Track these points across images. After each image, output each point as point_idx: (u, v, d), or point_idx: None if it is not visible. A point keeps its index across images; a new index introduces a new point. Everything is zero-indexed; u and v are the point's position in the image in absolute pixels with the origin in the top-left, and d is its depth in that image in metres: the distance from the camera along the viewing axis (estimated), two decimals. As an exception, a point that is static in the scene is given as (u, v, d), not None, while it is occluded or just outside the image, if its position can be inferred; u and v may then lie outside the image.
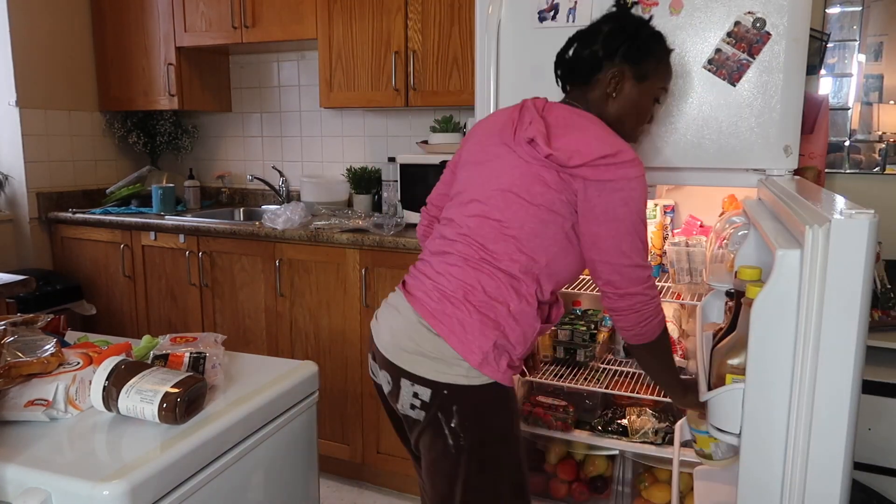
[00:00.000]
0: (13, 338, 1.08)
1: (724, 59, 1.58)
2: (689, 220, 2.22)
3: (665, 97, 1.53)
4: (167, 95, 3.12)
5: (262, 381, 1.18)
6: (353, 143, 3.18)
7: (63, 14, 3.14)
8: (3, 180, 3.07)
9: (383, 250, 2.36)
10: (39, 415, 1.00)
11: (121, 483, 0.84)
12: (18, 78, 2.97)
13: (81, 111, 3.27)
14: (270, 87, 3.33)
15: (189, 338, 1.19)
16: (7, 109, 3.01)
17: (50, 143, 3.13)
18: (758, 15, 1.54)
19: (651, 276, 1.27)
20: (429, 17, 2.53)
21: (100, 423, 1.01)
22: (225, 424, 1.03)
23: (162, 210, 3.05)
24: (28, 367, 1.01)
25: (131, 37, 3.16)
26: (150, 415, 0.97)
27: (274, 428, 1.16)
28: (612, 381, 2.14)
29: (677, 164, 1.67)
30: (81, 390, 1.04)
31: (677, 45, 1.62)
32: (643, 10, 1.63)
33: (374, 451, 2.51)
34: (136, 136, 3.43)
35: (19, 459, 0.90)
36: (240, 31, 2.88)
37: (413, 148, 2.99)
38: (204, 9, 2.96)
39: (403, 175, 2.57)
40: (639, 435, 2.06)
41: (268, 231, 2.56)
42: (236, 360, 1.29)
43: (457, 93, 2.52)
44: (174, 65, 3.07)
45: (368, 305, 2.41)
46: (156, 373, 1.02)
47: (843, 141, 2.30)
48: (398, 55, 2.60)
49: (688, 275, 2.03)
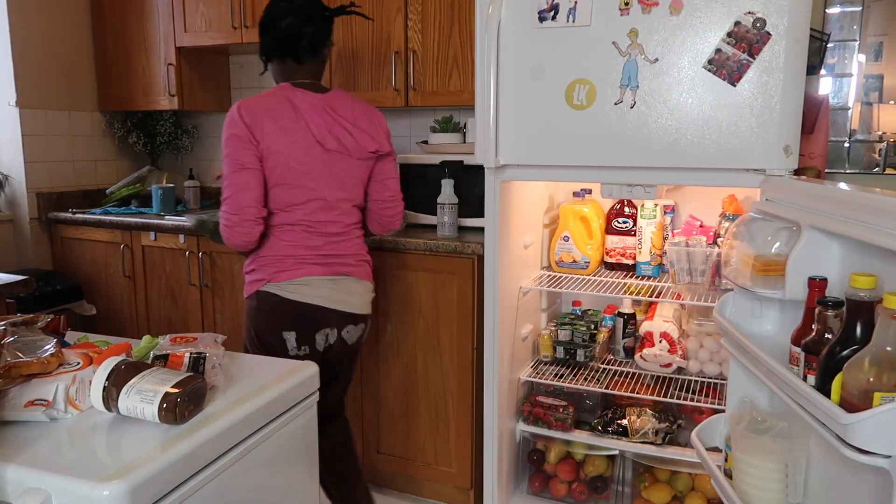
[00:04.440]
0: (13, 338, 1.08)
1: (724, 59, 1.58)
2: (689, 220, 2.22)
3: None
4: (167, 95, 3.12)
5: (262, 381, 1.18)
6: (353, 143, 3.18)
7: (63, 14, 3.14)
8: (3, 180, 3.07)
9: (383, 250, 2.36)
10: (39, 415, 1.00)
11: (121, 483, 0.84)
12: (18, 78, 2.97)
13: (81, 111, 3.27)
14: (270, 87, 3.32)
15: (189, 338, 1.19)
16: (7, 109, 3.00)
17: (50, 143, 3.13)
18: (758, 15, 1.54)
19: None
20: (429, 17, 2.53)
21: (100, 424, 1.01)
22: (225, 424, 1.03)
23: (162, 210, 3.04)
24: (28, 368, 1.01)
25: (131, 37, 3.16)
26: (150, 415, 0.97)
27: (274, 428, 1.15)
28: (612, 381, 2.14)
29: (677, 163, 1.67)
30: (81, 390, 1.04)
31: (677, 45, 1.62)
32: (643, 10, 1.63)
33: (374, 451, 2.52)
34: (136, 136, 3.43)
35: (19, 459, 0.90)
36: (240, 31, 2.88)
37: (413, 148, 2.99)
38: (204, 9, 2.96)
39: (403, 175, 2.56)
40: (639, 435, 2.06)
41: (268, 231, 2.56)
42: (236, 360, 1.29)
43: (457, 93, 2.52)
44: (174, 65, 3.07)
45: (368, 305, 2.42)
46: (156, 373, 1.02)
47: (843, 141, 2.30)
48: (398, 55, 2.60)
49: (688, 275, 2.03)
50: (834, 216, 1.16)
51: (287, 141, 1.74)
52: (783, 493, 1.27)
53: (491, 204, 1.92)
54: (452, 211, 2.34)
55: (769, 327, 1.44)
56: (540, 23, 1.74)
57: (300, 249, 1.80)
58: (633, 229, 2.23)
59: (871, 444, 0.94)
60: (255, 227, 1.74)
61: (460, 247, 2.23)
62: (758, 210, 1.46)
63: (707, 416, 1.69)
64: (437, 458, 2.41)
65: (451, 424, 2.36)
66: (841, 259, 1.21)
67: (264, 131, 1.73)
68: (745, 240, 1.42)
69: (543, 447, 2.25)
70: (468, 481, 2.37)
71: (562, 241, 2.25)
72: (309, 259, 1.80)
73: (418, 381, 2.39)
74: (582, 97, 1.73)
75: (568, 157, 1.79)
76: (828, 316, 1.12)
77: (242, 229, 1.73)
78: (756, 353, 1.26)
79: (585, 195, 2.29)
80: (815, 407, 1.05)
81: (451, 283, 2.27)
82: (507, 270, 2.02)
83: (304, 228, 1.80)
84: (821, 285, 1.17)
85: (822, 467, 1.24)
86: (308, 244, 1.80)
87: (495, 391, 2.02)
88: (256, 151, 1.73)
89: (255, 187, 1.73)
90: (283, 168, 1.75)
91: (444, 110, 2.83)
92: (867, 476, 1.08)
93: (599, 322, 2.32)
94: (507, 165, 1.87)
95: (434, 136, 2.65)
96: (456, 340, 2.30)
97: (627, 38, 1.66)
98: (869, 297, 1.03)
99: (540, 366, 2.28)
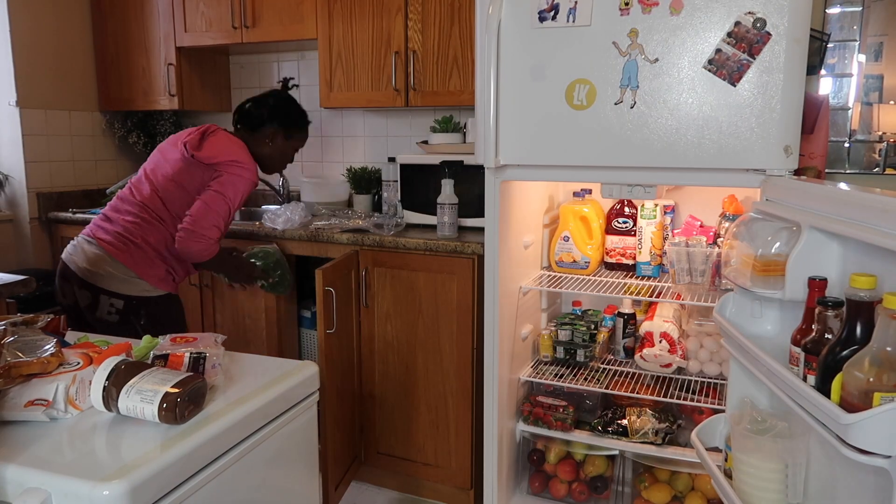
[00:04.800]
0: (13, 338, 1.08)
1: (724, 60, 1.58)
2: (689, 220, 2.22)
3: (301, 148, 2.37)
4: (167, 95, 3.12)
5: (262, 381, 1.18)
6: (353, 143, 3.18)
7: (63, 14, 3.14)
8: (3, 180, 3.07)
9: (383, 250, 2.36)
10: (39, 415, 1.00)
11: (121, 483, 0.84)
12: (18, 78, 2.97)
13: (81, 111, 3.27)
14: (270, 87, 3.32)
15: (189, 338, 1.19)
16: (7, 109, 3.01)
17: (50, 143, 3.13)
18: (758, 15, 1.54)
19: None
20: (429, 17, 2.53)
21: (100, 423, 1.01)
22: (225, 424, 1.03)
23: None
24: (28, 367, 1.01)
25: (131, 37, 3.17)
26: (150, 415, 0.97)
27: (274, 428, 1.15)
28: (612, 381, 2.14)
29: (677, 164, 1.67)
30: (81, 390, 1.04)
31: (677, 45, 1.62)
32: (643, 10, 1.63)
33: (374, 451, 2.52)
34: (136, 136, 3.43)
35: (19, 459, 0.90)
36: (240, 31, 2.88)
37: (413, 148, 2.99)
38: (204, 9, 2.96)
39: (403, 175, 2.57)
40: (639, 435, 2.06)
41: (268, 231, 2.56)
42: (236, 360, 1.29)
43: (457, 93, 2.52)
44: (174, 65, 3.07)
45: (368, 305, 2.42)
46: (156, 373, 1.02)
47: (843, 141, 2.30)
48: (398, 55, 2.60)
49: (688, 275, 2.03)
50: (834, 216, 1.16)
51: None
52: (783, 493, 1.27)
53: (491, 204, 1.92)
54: (452, 211, 2.34)
55: (769, 327, 1.44)
56: (540, 23, 1.74)
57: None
58: (633, 229, 2.23)
59: (870, 444, 0.94)
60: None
61: (460, 247, 2.23)
62: (758, 210, 1.46)
63: (707, 416, 1.69)
64: (436, 458, 2.41)
65: (451, 424, 2.36)
66: (841, 259, 1.21)
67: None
68: (745, 240, 1.42)
69: (543, 447, 2.25)
70: (468, 481, 2.37)
71: (562, 241, 2.25)
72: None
73: (418, 380, 2.39)
74: (582, 97, 1.73)
75: (568, 158, 1.79)
76: (828, 316, 1.12)
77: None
78: (756, 353, 1.26)
79: (585, 195, 2.29)
80: (815, 407, 1.05)
81: (451, 283, 2.27)
82: (507, 270, 2.02)
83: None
84: (821, 285, 1.17)
85: (822, 467, 1.24)
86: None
87: (495, 391, 2.02)
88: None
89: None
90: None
91: (444, 110, 2.83)
92: (867, 476, 1.08)
93: (599, 322, 2.32)
94: (507, 165, 1.87)
95: (434, 136, 2.65)
96: (456, 340, 2.30)
97: (627, 38, 1.66)
98: (869, 297, 1.02)
99: (540, 366, 2.27)
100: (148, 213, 2.08)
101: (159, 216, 2.08)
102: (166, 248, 2.09)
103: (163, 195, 2.09)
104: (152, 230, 2.07)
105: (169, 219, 2.08)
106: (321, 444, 2.12)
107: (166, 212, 2.09)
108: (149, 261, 2.07)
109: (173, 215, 2.08)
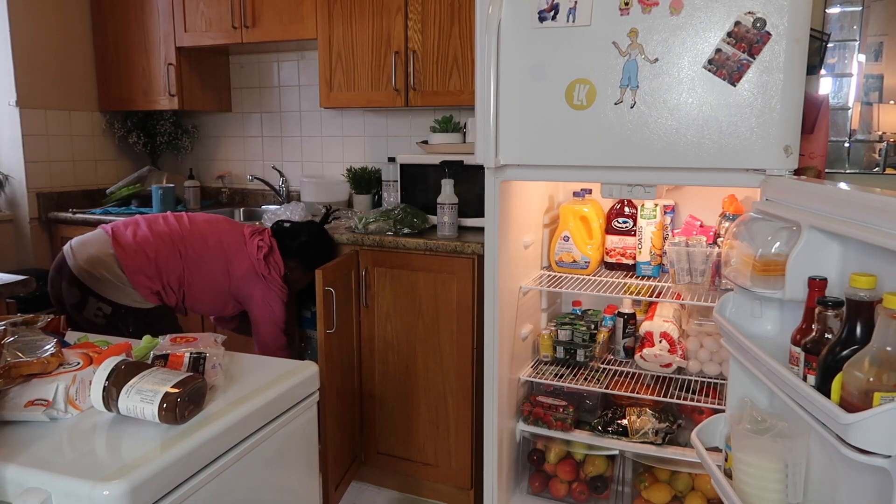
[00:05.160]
0: (13, 338, 1.08)
1: (724, 59, 1.58)
2: (689, 220, 2.22)
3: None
4: (167, 95, 3.12)
5: (262, 381, 1.18)
6: (353, 143, 3.18)
7: (63, 14, 3.14)
8: (3, 180, 3.07)
9: (383, 250, 2.36)
10: (39, 415, 1.00)
11: (121, 483, 0.84)
12: (18, 78, 2.97)
13: (81, 111, 3.27)
14: (270, 87, 3.33)
15: (189, 338, 1.19)
16: (7, 109, 3.01)
17: (50, 143, 3.13)
18: (758, 15, 1.54)
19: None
20: (429, 17, 2.53)
21: (100, 423, 1.01)
22: (225, 424, 1.03)
23: (162, 210, 3.04)
24: (28, 367, 1.01)
25: (131, 37, 3.17)
26: (150, 415, 0.97)
27: (274, 428, 1.15)
28: (612, 381, 2.14)
29: (677, 163, 1.67)
30: (81, 390, 1.04)
31: (677, 45, 1.62)
32: (643, 10, 1.63)
33: (374, 451, 2.52)
34: (136, 136, 3.43)
35: (19, 459, 0.90)
36: (240, 31, 2.88)
37: (413, 148, 2.99)
38: (204, 9, 2.96)
39: (403, 175, 2.57)
40: (639, 435, 2.06)
41: (268, 231, 2.56)
42: (236, 360, 1.29)
43: (457, 93, 2.52)
44: (174, 65, 3.07)
45: (368, 305, 2.42)
46: (156, 373, 1.02)
47: (843, 141, 2.30)
48: (398, 55, 2.60)
49: (688, 275, 2.03)
50: (834, 216, 1.16)
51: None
52: (783, 493, 1.27)
53: (491, 204, 1.92)
54: (452, 211, 2.34)
55: (769, 327, 1.44)
56: (540, 23, 1.74)
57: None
58: (633, 229, 2.23)
59: (870, 444, 0.94)
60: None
61: (460, 247, 2.23)
62: (758, 210, 1.46)
63: (707, 416, 1.69)
64: (436, 458, 2.41)
65: (451, 424, 2.36)
66: (841, 259, 1.21)
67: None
68: (745, 240, 1.42)
69: (543, 447, 2.25)
70: (468, 481, 2.37)
71: (562, 240, 2.25)
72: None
73: (418, 380, 2.39)
74: (582, 97, 1.73)
75: (568, 157, 1.79)
76: (828, 316, 1.12)
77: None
78: (756, 353, 1.26)
79: (585, 195, 2.29)
80: (815, 407, 1.05)
81: (451, 282, 2.27)
82: (507, 270, 2.02)
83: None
84: (821, 285, 1.16)
85: (822, 467, 1.24)
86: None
87: (495, 391, 2.02)
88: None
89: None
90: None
91: (444, 110, 2.83)
92: (867, 476, 1.08)
93: (599, 322, 2.32)
94: (507, 165, 1.87)
95: (434, 136, 2.65)
96: (456, 340, 2.30)
97: (627, 38, 1.66)
98: (869, 297, 1.02)
99: (540, 366, 2.28)
100: (173, 244, 2.18)
101: (182, 252, 2.19)
102: (172, 275, 2.17)
103: (198, 240, 2.21)
104: (171, 258, 2.16)
105: (190, 257, 2.20)
106: (321, 444, 2.12)
107: (191, 252, 2.19)
108: (147, 274, 2.12)
109: (195, 256, 2.20)
